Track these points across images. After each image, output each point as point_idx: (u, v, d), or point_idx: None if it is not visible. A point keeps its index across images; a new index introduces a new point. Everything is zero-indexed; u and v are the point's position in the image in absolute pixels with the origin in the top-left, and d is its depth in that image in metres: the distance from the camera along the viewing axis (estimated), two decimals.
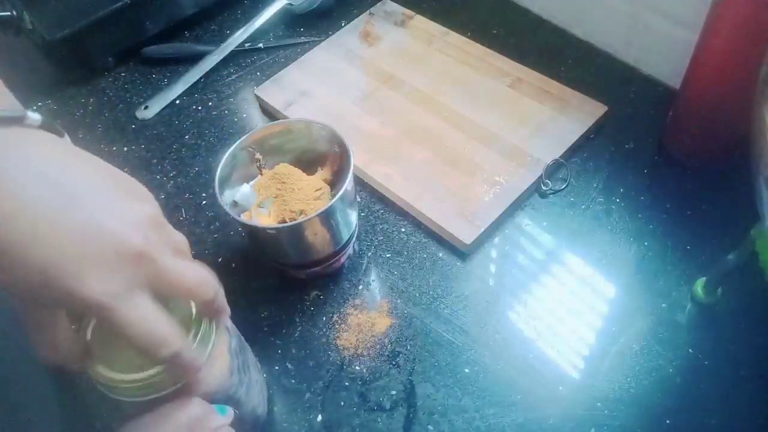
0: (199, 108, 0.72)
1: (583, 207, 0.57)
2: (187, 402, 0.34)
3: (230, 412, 0.37)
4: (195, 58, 0.75)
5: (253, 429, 0.44)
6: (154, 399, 0.33)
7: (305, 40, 0.78)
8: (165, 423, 0.32)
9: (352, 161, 0.49)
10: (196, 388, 0.34)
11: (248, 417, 0.42)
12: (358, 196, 0.59)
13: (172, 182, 0.64)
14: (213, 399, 0.36)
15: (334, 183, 0.53)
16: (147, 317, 0.29)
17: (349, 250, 0.55)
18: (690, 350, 0.48)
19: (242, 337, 0.42)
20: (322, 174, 0.53)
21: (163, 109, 0.72)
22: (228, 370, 0.37)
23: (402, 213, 0.59)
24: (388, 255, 0.56)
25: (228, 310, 0.36)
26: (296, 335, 0.52)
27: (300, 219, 0.47)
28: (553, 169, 0.59)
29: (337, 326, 0.52)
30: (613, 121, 0.63)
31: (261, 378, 0.47)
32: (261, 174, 0.53)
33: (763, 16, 0.45)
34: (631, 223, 0.56)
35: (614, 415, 0.45)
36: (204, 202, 0.63)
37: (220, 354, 0.36)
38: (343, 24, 0.77)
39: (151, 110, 0.72)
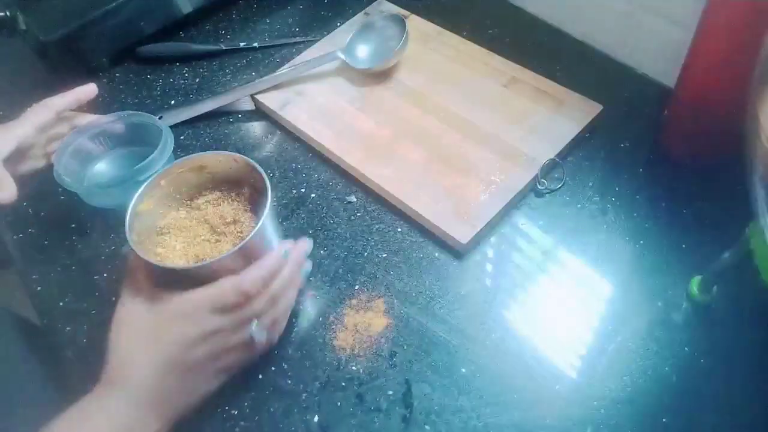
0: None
1: (579, 206, 0.57)
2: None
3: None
4: (190, 58, 0.75)
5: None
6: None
7: (301, 40, 0.77)
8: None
9: (270, 193, 0.46)
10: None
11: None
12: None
13: None
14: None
15: (256, 209, 0.50)
16: None
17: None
18: (686, 349, 0.48)
19: None
20: (241, 204, 0.51)
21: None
22: None
23: (398, 213, 0.59)
24: (384, 255, 0.56)
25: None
26: (292, 336, 0.52)
27: (208, 260, 0.44)
28: (549, 168, 0.59)
29: (333, 326, 0.52)
30: (609, 120, 0.63)
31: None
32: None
33: (756, 16, 0.45)
34: (626, 221, 0.56)
35: (611, 413, 0.45)
36: None
37: None
38: (338, 24, 0.77)
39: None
